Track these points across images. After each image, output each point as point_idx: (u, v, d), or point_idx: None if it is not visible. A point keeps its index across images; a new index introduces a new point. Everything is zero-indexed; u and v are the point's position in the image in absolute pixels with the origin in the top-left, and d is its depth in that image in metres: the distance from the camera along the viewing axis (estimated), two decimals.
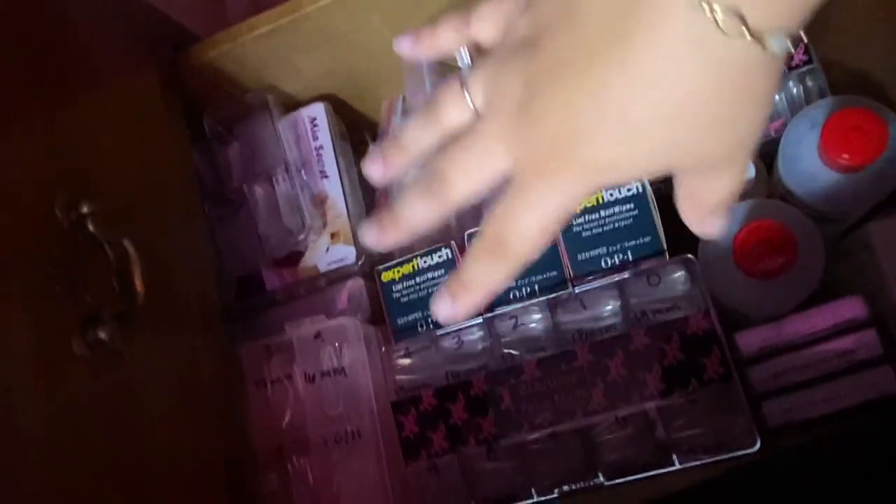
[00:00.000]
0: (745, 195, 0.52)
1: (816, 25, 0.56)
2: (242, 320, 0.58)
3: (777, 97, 0.58)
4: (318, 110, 0.60)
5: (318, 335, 0.49)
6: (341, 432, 0.48)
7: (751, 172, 0.52)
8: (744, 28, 0.21)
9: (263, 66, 0.58)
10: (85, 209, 0.39)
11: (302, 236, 0.55)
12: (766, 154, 0.54)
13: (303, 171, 0.58)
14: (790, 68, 0.56)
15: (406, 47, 0.34)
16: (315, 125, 0.60)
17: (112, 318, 0.38)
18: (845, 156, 0.45)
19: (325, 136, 0.60)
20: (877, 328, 0.48)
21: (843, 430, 0.46)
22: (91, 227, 0.39)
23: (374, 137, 0.66)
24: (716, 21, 0.21)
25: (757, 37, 0.22)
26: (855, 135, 0.45)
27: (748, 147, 0.26)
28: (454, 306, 0.30)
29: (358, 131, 0.67)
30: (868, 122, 0.45)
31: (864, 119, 0.45)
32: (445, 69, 0.62)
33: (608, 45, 0.24)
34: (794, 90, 0.58)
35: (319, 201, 0.58)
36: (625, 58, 0.23)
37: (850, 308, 0.49)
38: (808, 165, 0.48)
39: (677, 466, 0.45)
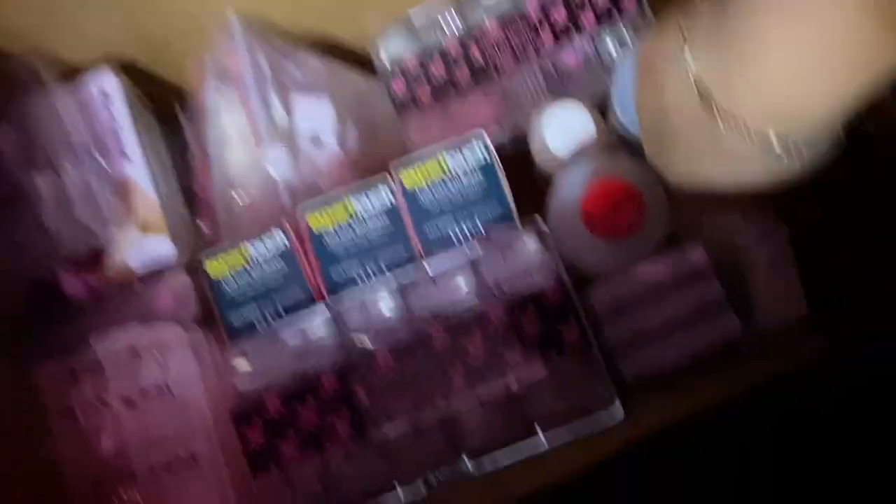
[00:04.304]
0: (585, 149, 0.50)
1: None
2: (41, 337, 0.49)
3: (610, 45, 0.56)
4: (108, 80, 0.51)
5: (132, 350, 0.42)
6: (173, 459, 0.41)
7: (591, 124, 0.50)
8: None
9: (30, 28, 0.48)
10: None
11: (102, 232, 0.47)
12: (600, 98, 0.52)
13: (97, 155, 0.49)
14: (621, 11, 0.55)
15: None
16: (107, 97, 0.51)
17: None
18: None
19: (121, 111, 0.51)
20: (717, 273, 0.49)
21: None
22: None
23: (183, 106, 0.58)
24: None
25: None
26: None
27: None
28: None
29: (164, 101, 0.58)
30: None
31: None
32: (260, 25, 0.54)
33: None
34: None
35: (122, 188, 0.50)
36: None
37: (692, 255, 0.49)
38: None
39: (541, 437, 0.44)
